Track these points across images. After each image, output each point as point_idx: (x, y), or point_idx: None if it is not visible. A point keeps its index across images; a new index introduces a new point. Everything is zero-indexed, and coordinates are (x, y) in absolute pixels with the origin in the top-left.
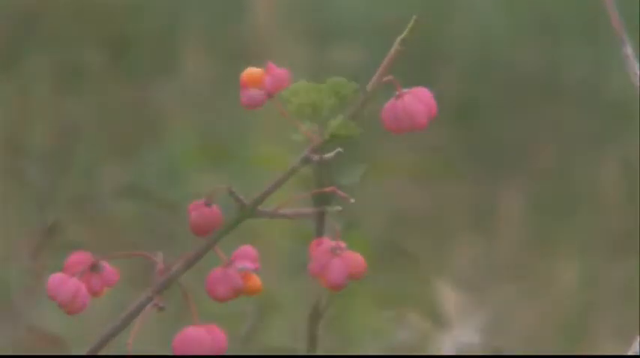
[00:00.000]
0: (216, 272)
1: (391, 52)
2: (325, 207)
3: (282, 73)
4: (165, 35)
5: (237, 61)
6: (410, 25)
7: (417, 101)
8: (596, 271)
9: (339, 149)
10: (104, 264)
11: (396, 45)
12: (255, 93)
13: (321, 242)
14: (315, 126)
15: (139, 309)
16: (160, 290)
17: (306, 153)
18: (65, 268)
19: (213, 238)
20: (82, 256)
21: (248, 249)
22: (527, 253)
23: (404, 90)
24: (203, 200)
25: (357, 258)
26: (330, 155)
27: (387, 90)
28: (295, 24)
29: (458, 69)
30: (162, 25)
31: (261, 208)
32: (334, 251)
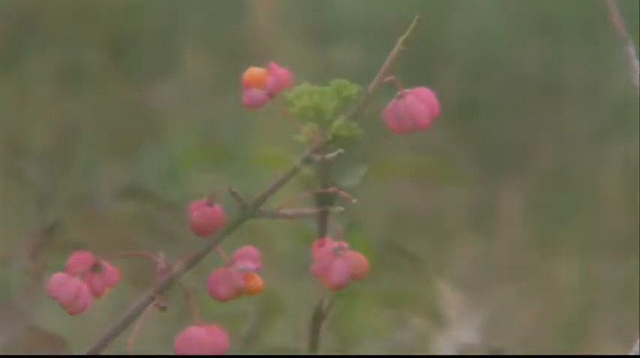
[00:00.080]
0: (218, 272)
1: (393, 52)
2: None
3: (283, 73)
4: (165, 35)
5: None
6: (412, 26)
7: (419, 101)
8: (596, 271)
9: (340, 150)
10: (105, 264)
11: (398, 45)
12: (257, 93)
13: (324, 242)
14: (317, 127)
15: (140, 309)
16: (161, 290)
17: (308, 153)
18: (66, 268)
19: (214, 238)
20: (82, 256)
21: (249, 249)
22: (527, 253)
23: (405, 90)
24: (205, 200)
25: (359, 259)
26: (332, 155)
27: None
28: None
29: (458, 69)
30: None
31: (263, 208)
32: (336, 251)
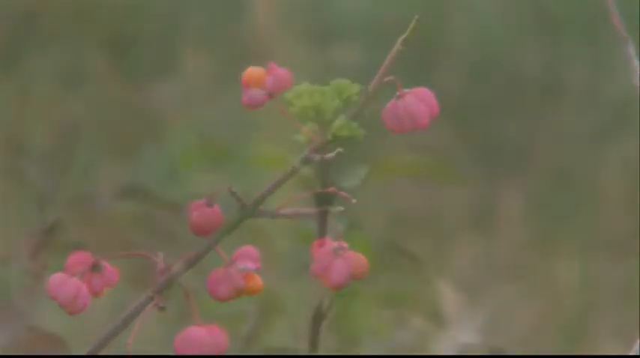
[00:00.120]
0: (218, 272)
1: (392, 52)
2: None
3: (283, 73)
4: (165, 35)
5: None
6: (411, 25)
7: (419, 101)
8: (596, 271)
9: (339, 149)
10: (104, 264)
11: (398, 45)
12: (257, 93)
13: (323, 242)
14: (317, 127)
15: (139, 309)
16: (161, 291)
17: (307, 153)
18: (66, 268)
19: (214, 238)
20: (82, 256)
21: (249, 249)
22: (527, 253)
23: (405, 90)
24: (204, 200)
25: (359, 259)
26: (331, 155)
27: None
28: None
29: (458, 69)
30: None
31: (262, 208)
32: (336, 251)
